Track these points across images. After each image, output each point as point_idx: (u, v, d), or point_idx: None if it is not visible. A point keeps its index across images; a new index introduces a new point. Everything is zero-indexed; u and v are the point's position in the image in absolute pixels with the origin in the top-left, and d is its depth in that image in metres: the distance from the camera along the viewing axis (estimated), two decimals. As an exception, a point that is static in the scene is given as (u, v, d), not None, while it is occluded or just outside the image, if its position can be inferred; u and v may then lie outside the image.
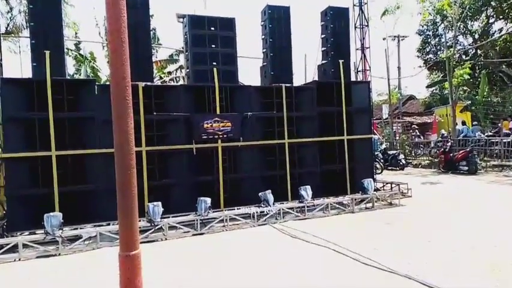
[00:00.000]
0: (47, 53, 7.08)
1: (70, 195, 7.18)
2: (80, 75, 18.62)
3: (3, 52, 9.13)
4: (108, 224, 7.01)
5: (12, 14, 16.89)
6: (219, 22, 8.64)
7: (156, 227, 6.92)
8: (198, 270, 5.15)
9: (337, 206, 8.54)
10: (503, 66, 24.29)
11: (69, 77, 8.78)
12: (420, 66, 30.36)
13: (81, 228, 6.89)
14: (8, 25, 16.91)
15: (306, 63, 22.63)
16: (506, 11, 23.85)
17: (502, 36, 24.91)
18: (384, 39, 28.62)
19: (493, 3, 23.92)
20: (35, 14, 7.28)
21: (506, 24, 25.57)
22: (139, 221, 5.40)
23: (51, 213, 6.45)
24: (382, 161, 16.58)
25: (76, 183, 7.27)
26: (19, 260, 5.95)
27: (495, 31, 26.29)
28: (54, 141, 7.03)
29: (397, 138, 23.98)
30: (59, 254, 6.16)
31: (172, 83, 20.30)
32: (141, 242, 3.41)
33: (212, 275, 4.93)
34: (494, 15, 25.32)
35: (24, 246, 6.15)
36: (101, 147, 7.26)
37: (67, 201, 7.08)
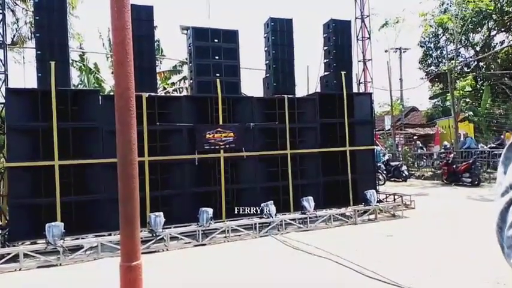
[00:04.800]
0: (52, 63, 7.16)
1: (72, 205, 7.18)
2: (84, 85, 18.74)
3: (8, 63, 9.20)
4: (110, 234, 6.99)
5: (18, 25, 17.08)
6: (222, 34, 8.74)
7: (158, 238, 6.89)
8: (198, 282, 5.11)
9: (340, 217, 8.49)
10: (506, 79, 24.31)
11: (73, 88, 8.84)
12: (422, 78, 30.43)
13: (82, 238, 6.88)
14: (13, 36, 17.09)
15: (308, 74, 22.64)
16: (508, 23, 23.97)
17: (503, 48, 25.00)
18: (385, 51, 28.77)
19: (494, 16, 24.04)
20: (41, 25, 7.37)
21: (508, 36, 25.68)
22: (141, 231, 5.38)
23: (53, 223, 6.44)
24: (384, 172, 16.53)
25: (78, 193, 7.28)
26: (20, 269, 5.93)
27: (496, 43, 26.40)
28: (57, 151, 7.06)
29: (400, 149, 23.94)
30: (60, 264, 6.13)
31: (175, 94, 20.40)
32: (142, 253, 3.40)
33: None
34: (496, 28, 25.45)
35: (25, 256, 6.13)
36: (104, 157, 7.29)
37: (69, 211, 7.08)
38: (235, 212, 8.21)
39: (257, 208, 8.04)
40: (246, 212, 8.16)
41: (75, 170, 7.28)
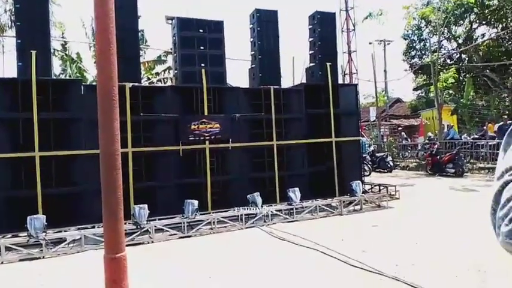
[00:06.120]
0: (33, 52, 6.95)
1: (54, 197, 7.05)
2: (66, 75, 18.36)
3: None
4: (93, 227, 6.89)
5: (-3, 14, 16.59)
6: (207, 24, 8.63)
7: (143, 230, 6.83)
8: (184, 274, 5.09)
9: (326, 208, 8.55)
10: (487, 71, 24.73)
11: (55, 77, 8.64)
12: (406, 70, 30.72)
13: (65, 231, 6.77)
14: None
15: (294, 65, 22.64)
16: (488, 17, 24.30)
17: (484, 41, 25.37)
18: (370, 43, 28.95)
19: (475, 10, 24.35)
20: (22, 14, 7.16)
21: (489, 29, 26.05)
22: (125, 223, 5.32)
23: (35, 216, 6.32)
24: (370, 163, 16.70)
25: (60, 184, 7.14)
26: (1, 263, 5.81)
27: (478, 36, 26.76)
28: (38, 142, 6.90)
29: (385, 140, 24.22)
30: (43, 257, 6.03)
31: (160, 84, 20.16)
32: (126, 245, 3.36)
33: (199, 279, 4.89)
34: (477, 21, 25.77)
35: (7, 249, 6.01)
36: (86, 148, 7.15)
37: (51, 203, 6.94)
38: (221, 204, 8.17)
39: (243, 199, 8.02)
40: (232, 204, 8.14)
41: (56, 162, 7.13)
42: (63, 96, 7.30)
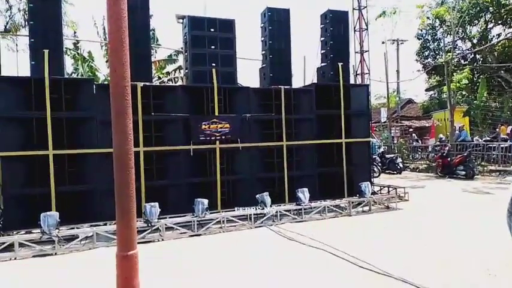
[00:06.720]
0: (46, 51, 7.06)
1: (67, 194, 7.15)
2: (78, 74, 18.57)
3: (2, 50, 9.10)
4: (105, 224, 6.99)
5: (11, 12, 16.86)
6: (218, 23, 8.64)
7: (153, 228, 6.90)
8: (193, 273, 5.13)
9: (334, 208, 8.54)
10: (502, 72, 24.37)
11: (67, 76, 8.75)
12: (419, 70, 30.43)
13: (77, 228, 6.88)
14: (6, 23, 16.87)
15: (305, 65, 22.55)
16: (504, 16, 23.95)
17: (500, 41, 25.00)
18: (383, 42, 28.72)
19: (491, 9, 24.01)
20: (35, 13, 7.25)
21: (505, 29, 25.67)
22: (136, 221, 5.36)
23: (48, 213, 6.43)
24: (379, 164, 16.60)
25: (73, 182, 7.24)
26: (15, 259, 5.92)
27: (493, 36, 26.38)
28: (51, 141, 7.00)
29: (395, 142, 24.02)
30: (55, 254, 6.13)
31: (170, 84, 20.28)
32: (137, 243, 3.40)
33: (208, 277, 4.92)
34: (493, 21, 25.41)
35: (21, 245, 6.12)
36: (99, 147, 7.25)
37: (64, 201, 7.05)
38: (231, 203, 8.21)
39: (252, 199, 8.05)
40: (241, 203, 8.16)
41: (70, 160, 7.23)
42: (75, 96, 7.40)
